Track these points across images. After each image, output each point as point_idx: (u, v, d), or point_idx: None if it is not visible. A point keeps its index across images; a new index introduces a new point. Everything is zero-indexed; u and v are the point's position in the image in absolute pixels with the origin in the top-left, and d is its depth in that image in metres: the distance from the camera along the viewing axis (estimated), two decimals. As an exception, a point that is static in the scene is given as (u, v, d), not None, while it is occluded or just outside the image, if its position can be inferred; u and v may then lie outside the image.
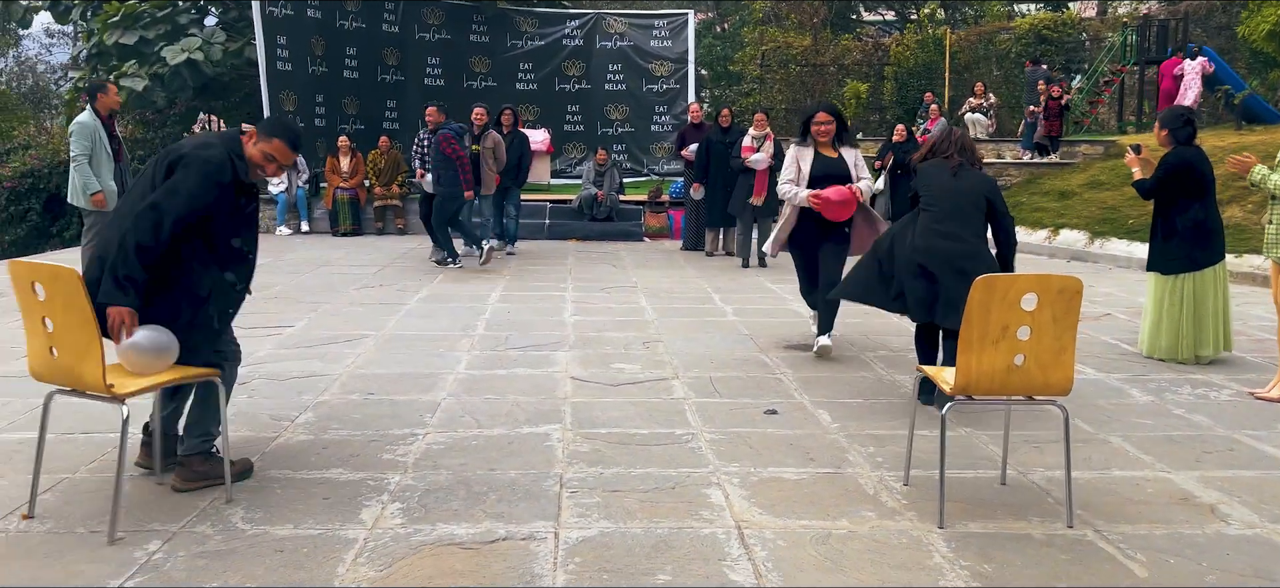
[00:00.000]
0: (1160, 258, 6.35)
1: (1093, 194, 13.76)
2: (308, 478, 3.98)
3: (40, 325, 3.44)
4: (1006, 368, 3.45)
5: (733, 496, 3.84)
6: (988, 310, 3.38)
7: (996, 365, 3.44)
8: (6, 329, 6.91)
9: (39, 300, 3.40)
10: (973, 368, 3.45)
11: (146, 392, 3.53)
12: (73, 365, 3.39)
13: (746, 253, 11.08)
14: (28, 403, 5.01)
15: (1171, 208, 6.25)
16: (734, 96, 25.37)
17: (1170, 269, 6.29)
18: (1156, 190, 6.28)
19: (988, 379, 3.47)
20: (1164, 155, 6.26)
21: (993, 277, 3.38)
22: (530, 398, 5.27)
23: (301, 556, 3.23)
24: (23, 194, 14.29)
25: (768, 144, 10.67)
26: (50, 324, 3.41)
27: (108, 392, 3.34)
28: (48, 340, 3.44)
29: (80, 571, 3.10)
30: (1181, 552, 3.38)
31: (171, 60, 14.68)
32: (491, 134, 11.15)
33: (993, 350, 3.42)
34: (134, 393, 3.41)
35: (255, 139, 3.76)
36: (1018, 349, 3.44)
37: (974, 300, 3.37)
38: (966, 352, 3.43)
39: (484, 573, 3.12)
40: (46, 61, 36.64)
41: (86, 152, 7.77)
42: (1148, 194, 6.36)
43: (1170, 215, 6.26)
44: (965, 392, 3.51)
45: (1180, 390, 5.65)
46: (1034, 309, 3.41)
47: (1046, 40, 20.57)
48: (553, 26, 18.16)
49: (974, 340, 3.41)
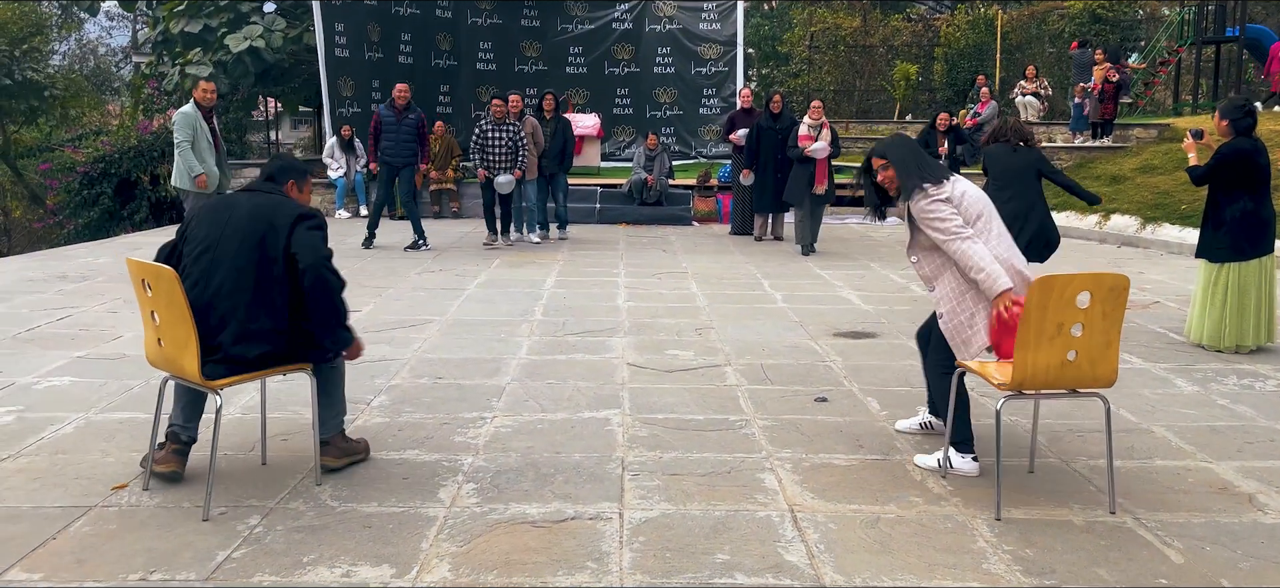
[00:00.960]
0: (1208, 245, 6.42)
1: (1145, 179, 13.67)
2: (387, 458, 4.27)
3: (150, 319, 3.75)
4: (1060, 363, 3.60)
5: (785, 480, 4.06)
6: (1045, 309, 3.50)
7: (1051, 361, 3.58)
8: (95, 313, 7.32)
9: (148, 296, 3.70)
10: (1028, 364, 3.57)
11: (239, 383, 3.79)
12: (175, 356, 3.69)
13: (806, 240, 11.09)
14: (123, 384, 5.36)
15: (1223, 197, 6.31)
16: (782, 78, 25.41)
17: (1217, 257, 6.36)
18: (1209, 178, 6.35)
19: (1042, 374, 3.60)
20: (1221, 145, 6.32)
21: (1051, 277, 3.48)
22: (589, 383, 5.52)
23: (388, 531, 3.52)
24: (95, 179, 14.84)
25: (825, 131, 10.79)
26: (157, 318, 3.71)
27: (203, 382, 3.62)
28: (156, 333, 3.75)
29: (191, 542, 3.41)
30: (1218, 540, 3.53)
31: (234, 48, 15.15)
32: (528, 118, 11.38)
33: (1048, 347, 3.55)
34: (228, 383, 3.70)
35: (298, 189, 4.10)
36: (1071, 345, 3.58)
37: (1032, 300, 3.49)
38: (1023, 349, 3.55)
39: (556, 550, 3.38)
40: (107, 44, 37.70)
41: (189, 138, 8.60)
42: (1200, 181, 6.42)
43: (1221, 204, 6.33)
44: (1020, 387, 3.64)
45: (1226, 381, 5.75)
46: (1087, 307, 3.55)
47: (1101, 20, 20.31)
48: (603, 10, 18.36)
49: (1031, 338, 3.53)
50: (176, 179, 8.67)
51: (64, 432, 4.58)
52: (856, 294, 8.52)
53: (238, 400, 4.98)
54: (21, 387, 5.33)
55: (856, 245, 11.99)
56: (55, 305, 7.60)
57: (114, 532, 3.49)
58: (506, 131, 10.85)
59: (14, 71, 20.81)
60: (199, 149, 8.58)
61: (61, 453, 4.29)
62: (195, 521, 3.58)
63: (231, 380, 3.71)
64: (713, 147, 18.07)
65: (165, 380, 3.88)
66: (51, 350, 6.16)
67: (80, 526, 3.54)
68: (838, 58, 24.07)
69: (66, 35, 32.67)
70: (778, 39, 27.14)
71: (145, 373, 5.45)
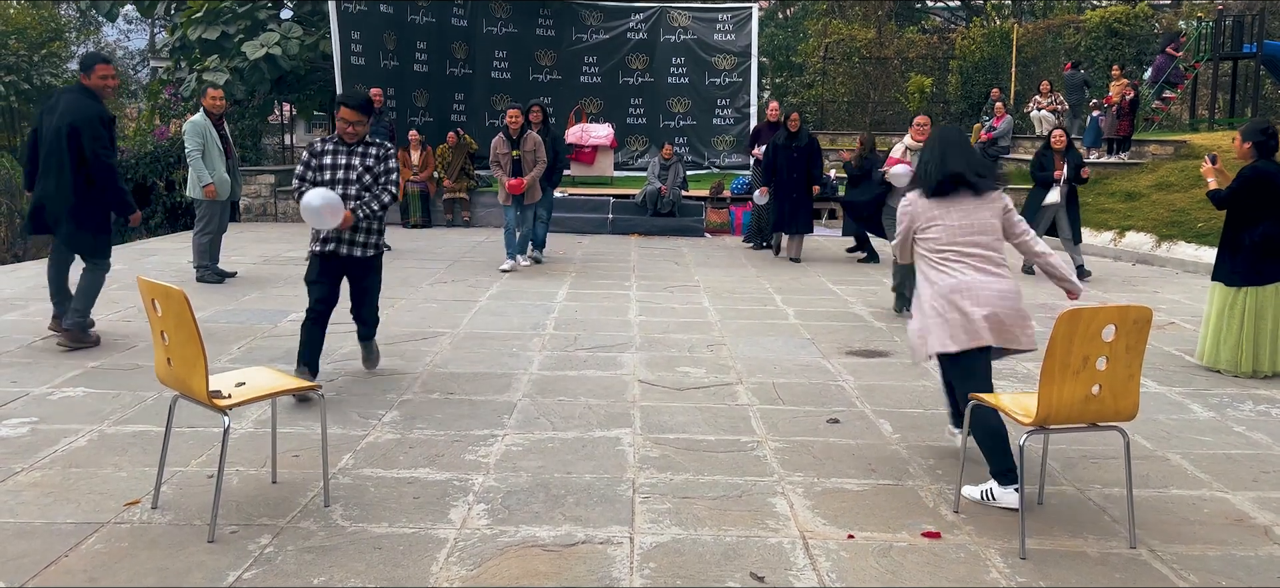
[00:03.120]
0: (1226, 270, 6.38)
1: (1161, 196, 13.59)
2: (398, 477, 4.27)
3: (160, 338, 3.75)
4: (1084, 398, 3.54)
5: (797, 505, 4.04)
6: (1070, 343, 3.44)
7: (1076, 395, 3.52)
8: (109, 322, 7.35)
9: (158, 316, 3.70)
10: (1053, 399, 3.51)
11: (247, 404, 3.80)
12: (184, 376, 3.67)
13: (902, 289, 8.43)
14: (137, 396, 5.38)
15: (1243, 220, 6.27)
16: (796, 88, 25.37)
17: (1234, 281, 6.32)
18: (1230, 202, 6.30)
19: (1067, 409, 3.54)
20: (1242, 168, 6.28)
21: (1077, 310, 3.43)
22: (601, 401, 5.52)
23: (398, 553, 3.51)
24: (111, 183, 14.94)
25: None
26: (166, 338, 3.71)
27: (211, 402, 3.61)
28: (166, 352, 3.75)
29: (201, 562, 3.41)
30: (1233, 574, 3.50)
31: (251, 55, 15.21)
32: (531, 135, 10.18)
33: (1073, 381, 3.50)
34: (236, 404, 3.69)
35: None
36: (1096, 379, 3.53)
37: (1057, 334, 3.42)
38: (1048, 383, 3.49)
39: (566, 575, 3.37)
40: (124, 47, 37.93)
41: (199, 147, 8.70)
42: (1222, 204, 6.38)
43: (1240, 228, 6.28)
44: (1045, 422, 3.58)
45: (1242, 407, 5.70)
46: (1112, 340, 3.50)
47: (1117, 34, 20.22)
48: (617, 20, 18.40)
49: (1056, 372, 3.47)
50: (189, 189, 8.77)
51: (77, 445, 4.60)
52: (869, 311, 8.49)
53: (250, 415, 5.00)
54: (36, 397, 5.36)
55: (869, 261, 11.95)
56: (70, 313, 7.63)
57: (126, 550, 3.49)
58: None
59: (32, 76, 20.97)
60: (210, 157, 8.68)
61: (75, 467, 4.31)
62: (205, 539, 3.58)
63: (239, 402, 3.70)
64: (726, 157, 18.08)
65: (176, 399, 3.89)
66: (65, 360, 6.18)
67: (92, 543, 3.55)
68: (852, 69, 24.02)
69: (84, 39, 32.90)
70: (792, 50, 27.11)
71: (159, 385, 5.46)
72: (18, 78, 20.64)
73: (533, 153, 10.20)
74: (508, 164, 10.07)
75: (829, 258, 11.93)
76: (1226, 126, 18.70)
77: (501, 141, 10.06)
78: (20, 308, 7.86)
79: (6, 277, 9.54)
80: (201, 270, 9.14)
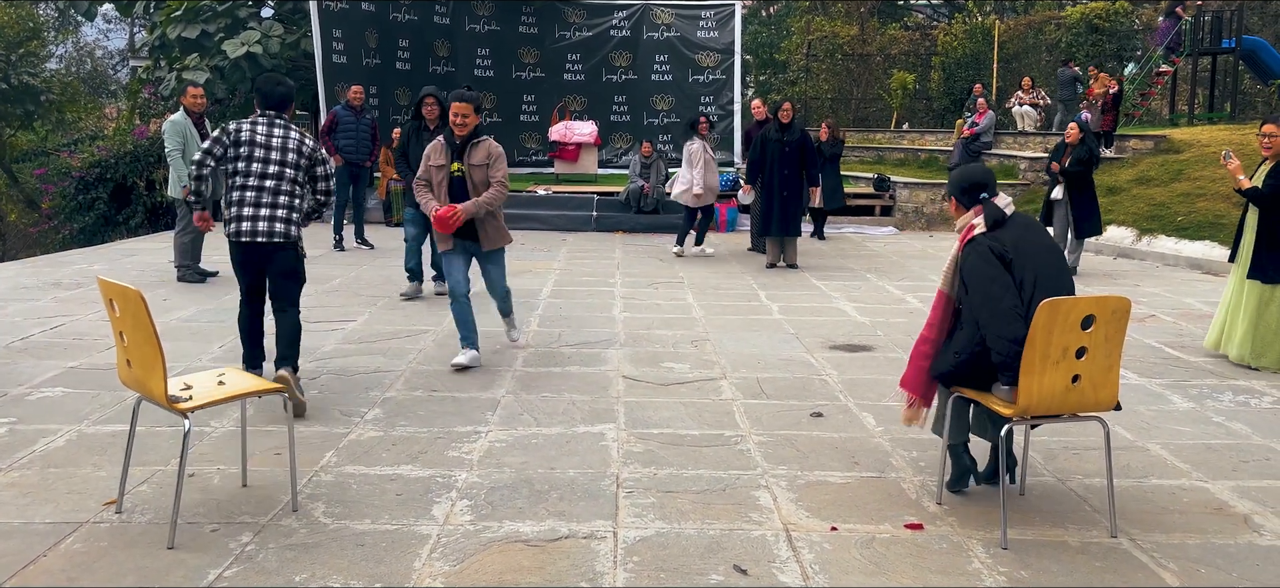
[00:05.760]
0: (1265, 266, 6.31)
1: (1141, 190, 13.69)
2: (381, 474, 4.25)
3: (119, 339, 3.69)
4: (1064, 388, 3.55)
5: (781, 498, 4.04)
6: (1050, 333, 3.45)
7: (1056, 386, 3.54)
8: (89, 322, 7.29)
9: (116, 316, 3.64)
10: (1034, 390, 3.52)
11: (205, 407, 3.69)
12: (143, 378, 3.58)
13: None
14: (116, 396, 5.34)
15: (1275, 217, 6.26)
16: (779, 84, 25.44)
17: (1275, 278, 6.28)
18: (1272, 199, 6.23)
19: (1047, 399, 3.55)
20: (1274, 165, 6.25)
21: (1057, 300, 3.44)
22: (584, 396, 5.51)
23: (381, 550, 3.50)
24: (91, 183, 14.78)
25: None
26: (124, 338, 3.65)
27: (169, 405, 3.54)
28: (125, 353, 3.68)
29: (182, 560, 3.39)
30: (1213, 561, 3.53)
31: (232, 54, 15.12)
32: (486, 143, 6.01)
33: (1053, 371, 3.51)
34: (193, 408, 3.59)
35: None
36: (1074, 369, 3.54)
37: (1037, 324, 3.43)
38: (1029, 374, 3.50)
39: (550, 570, 3.36)
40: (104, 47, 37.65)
41: (179, 146, 8.61)
42: (1267, 201, 6.27)
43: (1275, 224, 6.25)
44: (1026, 413, 3.59)
45: (1221, 398, 5.74)
46: (1090, 330, 3.52)
47: (1098, 31, 20.34)
48: (601, 18, 18.37)
49: (1036, 362, 3.49)
50: (171, 188, 8.69)
51: (56, 445, 4.56)
52: (853, 306, 8.52)
53: (231, 414, 4.96)
54: (14, 398, 5.31)
55: (854, 256, 11.99)
56: (49, 314, 7.57)
57: (105, 549, 3.47)
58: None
59: (10, 75, 20.77)
60: (189, 156, 8.61)
61: (53, 467, 4.27)
62: (186, 538, 3.56)
63: (200, 405, 3.63)
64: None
65: (139, 401, 3.84)
66: (45, 360, 6.13)
67: (71, 542, 3.52)
68: (835, 66, 24.10)
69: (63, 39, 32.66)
70: (775, 47, 27.17)
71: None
72: (-5, 77, 20.47)
73: (485, 168, 6.00)
74: (444, 184, 5.99)
75: (814, 252, 11.95)
76: (1206, 121, 18.86)
77: (440, 149, 6.03)
78: (0, 308, 7.79)
79: (-16, 278, 9.45)
80: (183, 270, 9.08)
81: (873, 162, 19.34)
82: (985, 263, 3.67)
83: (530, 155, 18.20)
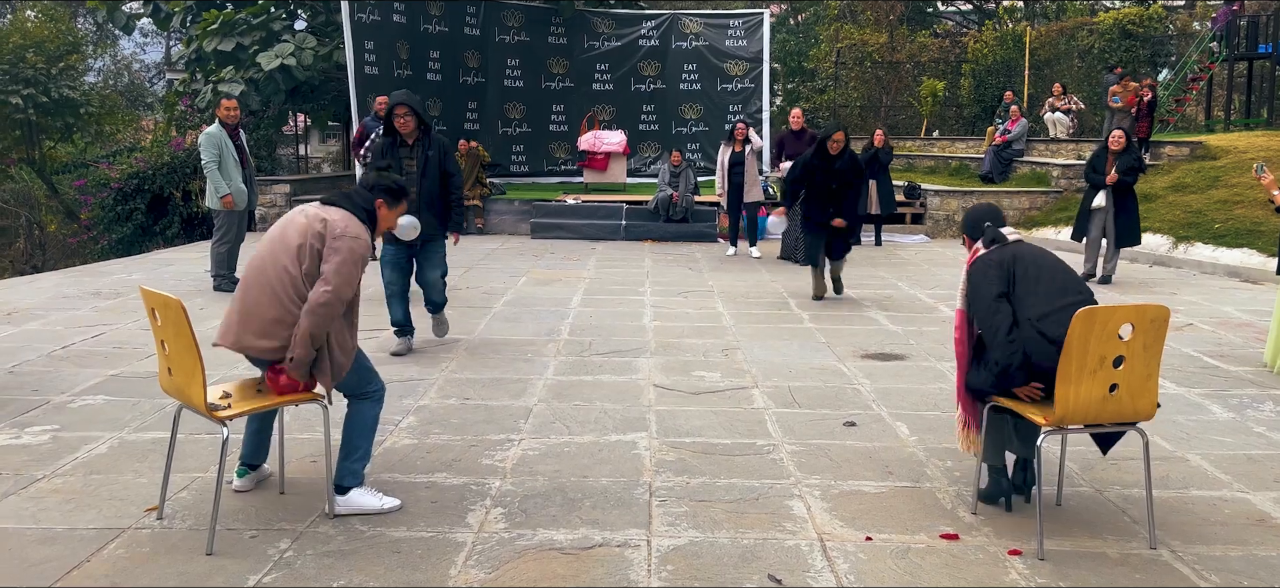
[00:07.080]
0: None
1: (1177, 197, 13.52)
2: (416, 481, 4.28)
3: (161, 347, 3.75)
4: (1102, 398, 3.52)
5: (814, 507, 4.03)
6: (1087, 342, 3.42)
7: (1093, 395, 3.50)
8: (129, 330, 7.41)
9: (158, 325, 3.70)
10: (1071, 399, 3.49)
11: (242, 415, 3.75)
12: (183, 386, 3.65)
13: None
14: (155, 404, 5.42)
15: None
16: (808, 93, 25.37)
17: None
18: None
19: (1084, 409, 3.52)
20: None
21: (1093, 309, 3.42)
22: (616, 405, 5.52)
23: (416, 557, 3.53)
24: (129, 195, 15.02)
25: None
26: (166, 347, 3.70)
27: (208, 413, 3.60)
28: (166, 361, 3.74)
29: (222, 566, 3.44)
30: (1256, 574, 3.47)
31: (266, 66, 15.31)
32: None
33: (1090, 381, 3.48)
34: (232, 416, 3.65)
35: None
36: (1113, 378, 3.51)
37: (1074, 333, 3.41)
38: (1065, 384, 3.47)
39: (584, 578, 3.37)
40: (141, 60, 38.22)
41: (214, 158, 8.78)
42: None
43: None
44: (1062, 423, 3.56)
45: (1262, 407, 5.66)
46: (1129, 339, 3.49)
47: (1131, 36, 20.13)
48: (629, 27, 18.45)
49: (1072, 372, 3.45)
50: (208, 200, 8.84)
51: (98, 452, 4.63)
52: (884, 315, 8.47)
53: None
54: (57, 405, 5.40)
55: (884, 264, 11.93)
56: (89, 323, 7.70)
57: (147, 555, 3.52)
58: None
59: (50, 89, 21.12)
60: (226, 168, 8.78)
61: (96, 474, 4.34)
62: (226, 544, 3.61)
63: (238, 413, 3.68)
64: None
65: (180, 409, 3.89)
66: (86, 368, 6.23)
67: (114, 548, 3.57)
68: (864, 74, 24.00)
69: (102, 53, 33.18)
70: (804, 55, 27.11)
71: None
72: (36, 91, 20.79)
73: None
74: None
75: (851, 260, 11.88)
76: (1242, 128, 18.59)
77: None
78: (40, 318, 7.93)
79: (26, 288, 9.63)
80: (219, 279, 9.20)
81: (903, 169, 19.24)
82: (986, 282, 3.79)
83: (559, 165, 18.29)
